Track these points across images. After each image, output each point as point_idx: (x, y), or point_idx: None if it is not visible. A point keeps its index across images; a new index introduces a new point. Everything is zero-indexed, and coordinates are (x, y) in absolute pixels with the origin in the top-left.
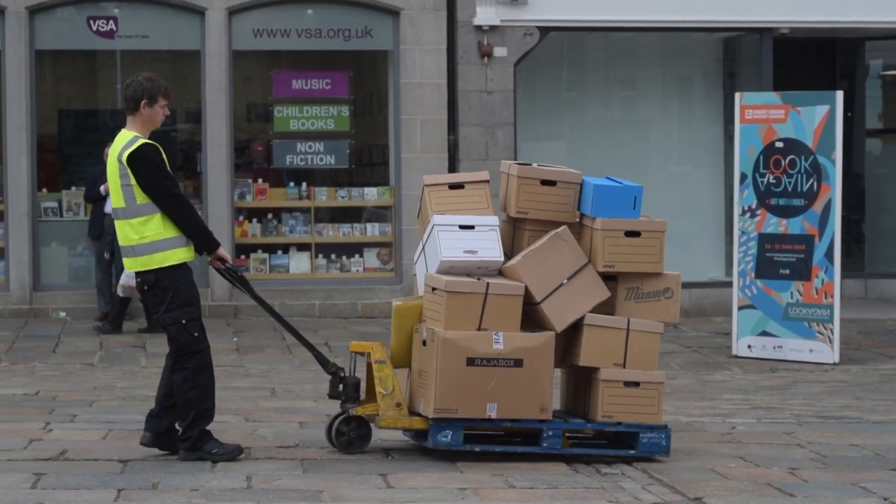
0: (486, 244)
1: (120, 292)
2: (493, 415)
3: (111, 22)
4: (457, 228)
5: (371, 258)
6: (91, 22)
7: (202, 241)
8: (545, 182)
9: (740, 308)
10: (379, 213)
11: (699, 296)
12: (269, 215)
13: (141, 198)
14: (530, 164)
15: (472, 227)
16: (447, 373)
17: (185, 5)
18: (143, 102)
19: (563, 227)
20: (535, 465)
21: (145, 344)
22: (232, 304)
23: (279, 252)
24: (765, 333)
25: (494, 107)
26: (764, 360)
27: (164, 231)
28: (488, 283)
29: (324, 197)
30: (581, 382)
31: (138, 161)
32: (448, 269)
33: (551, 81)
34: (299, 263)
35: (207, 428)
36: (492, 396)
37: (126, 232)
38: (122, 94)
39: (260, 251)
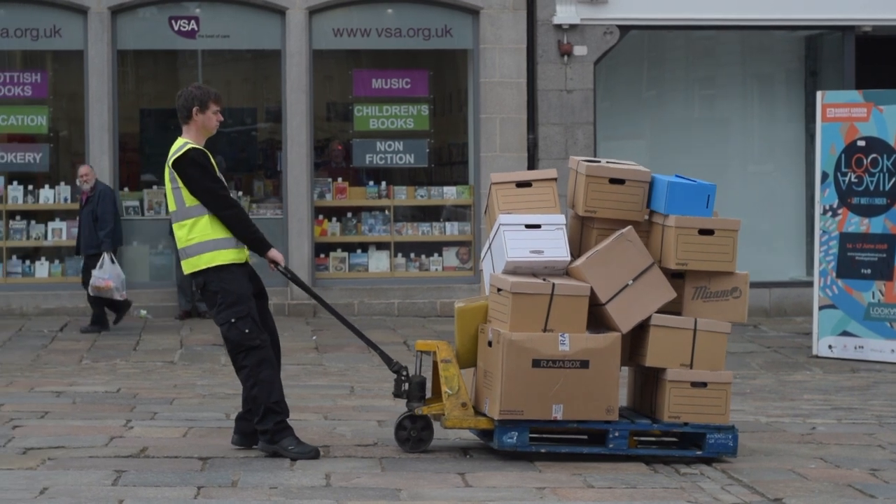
0: (553, 244)
1: (91, 292)
2: (559, 416)
3: (192, 22)
4: (523, 228)
5: (450, 257)
6: (172, 22)
7: (252, 242)
8: (614, 181)
9: (821, 308)
10: (458, 212)
11: (780, 295)
12: (349, 214)
13: (189, 200)
14: (599, 162)
15: (538, 227)
16: (513, 374)
17: (265, 5)
18: (194, 110)
19: (629, 227)
20: (614, 465)
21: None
22: (311, 304)
23: (358, 251)
24: (846, 333)
25: (574, 106)
26: (845, 360)
27: (212, 232)
28: (554, 284)
29: (403, 196)
30: (648, 382)
31: (185, 165)
32: (514, 269)
33: (631, 80)
34: (378, 262)
35: (289, 425)
36: (557, 398)
37: (179, 234)
38: (176, 105)
39: (339, 250)
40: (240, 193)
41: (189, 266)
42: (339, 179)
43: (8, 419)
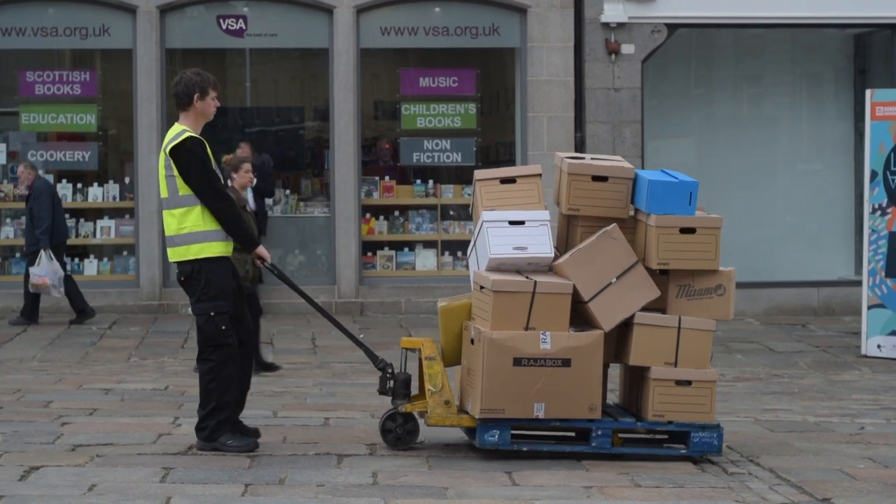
0: (537, 240)
1: (31, 289)
2: (541, 415)
3: (240, 21)
4: (506, 224)
5: None
6: (221, 21)
7: (240, 237)
8: (597, 178)
9: (870, 307)
10: None
11: (828, 295)
12: (396, 212)
13: (183, 189)
14: (583, 158)
15: (522, 223)
16: (493, 373)
17: (313, 4)
18: (195, 97)
19: (613, 224)
20: (661, 465)
21: (273, 340)
22: (358, 301)
23: (405, 249)
24: (895, 333)
25: (622, 104)
26: (894, 359)
27: (203, 223)
28: (536, 282)
29: (450, 194)
30: (635, 380)
31: (181, 153)
32: (498, 266)
33: (679, 78)
34: (426, 261)
35: (227, 421)
36: (539, 396)
37: (168, 222)
38: (172, 91)
39: (386, 248)
40: (287, 192)
41: (176, 255)
42: (387, 178)
43: (57, 416)
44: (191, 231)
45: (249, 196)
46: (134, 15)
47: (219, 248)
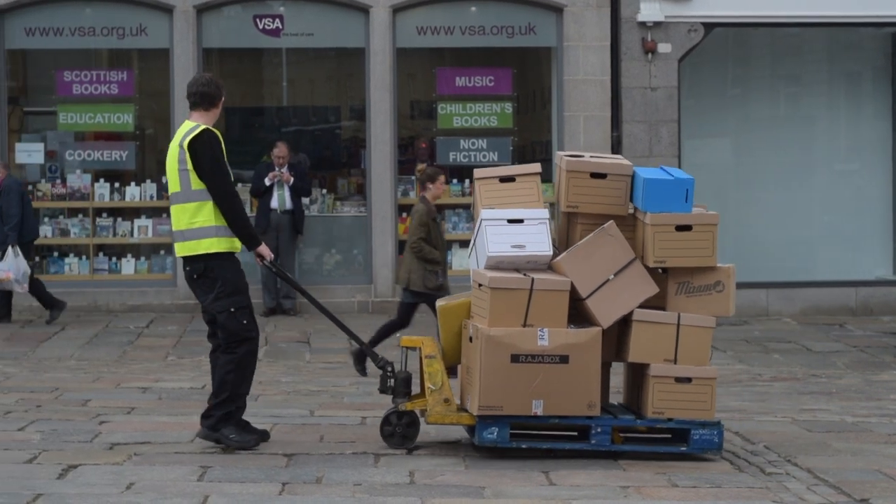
0: (535, 238)
1: None
2: (540, 412)
3: (277, 20)
4: (505, 222)
5: None
6: (257, 20)
7: (245, 236)
8: (595, 175)
9: None
10: None
11: (866, 294)
12: None
13: (196, 184)
14: (582, 157)
15: (520, 221)
16: (491, 370)
17: (349, 3)
18: (219, 102)
19: (610, 222)
20: (698, 464)
21: (310, 339)
22: (395, 301)
23: None
24: None
25: (658, 103)
26: None
27: (215, 219)
28: (533, 279)
29: None
30: (636, 378)
31: (198, 145)
32: (496, 264)
33: (716, 78)
34: (462, 260)
35: (233, 416)
36: (537, 393)
37: (179, 216)
38: (197, 91)
39: None
40: (324, 191)
41: (186, 249)
42: None
43: (95, 415)
44: (202, 226)
45: (287, 195)
46: (171, 15)
47: (229, 243)
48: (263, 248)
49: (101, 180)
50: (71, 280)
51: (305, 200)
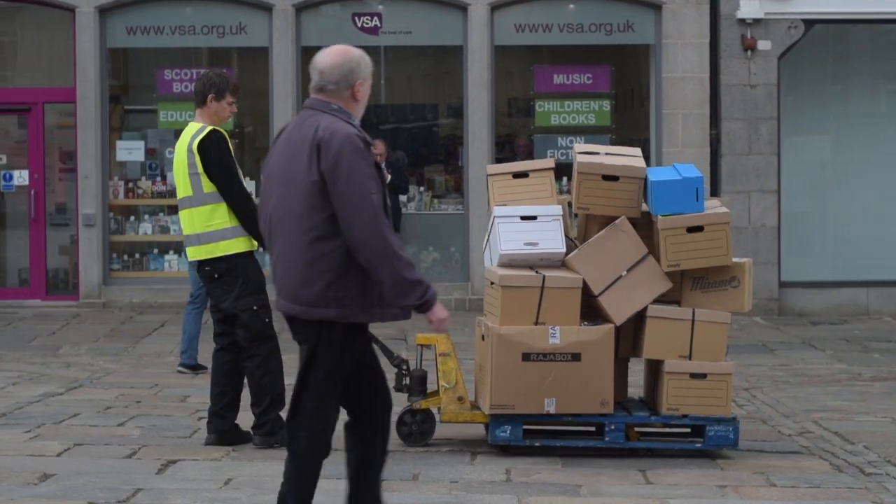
0: (549, 235)
1: None
2: (552, 410)
3: (375, 18)
4: (518, 219)
5: None
6: (356, 18)
7: (259, 235)
8: (607, 177)
9: None
10: None
11: None
12: None
13: (208, 186)
14: (597, 154)
15: (534, 218)
16: (502, 368)
17: (448, 1)
18: (210, 97)
19: (622, 217)
20: (797, 464)
21: (406, 336)
22: None
23: None
24: None
25: (758, 101)
26: None
27: (231, 220)
28: (545, 277)
29: None
30: (653, 373)
31: (207, 148)
32: (509, 261)
33: (815, 75)
34: None
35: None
36: (550, 391)
37: (192, 220)
38: (194, 87)
39: None
40: (421, 189)
41: (202, 252)
42: None
43: (194, 410)
44: (219, 228)
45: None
46: (270, 13)
47: (246, 243)
48: None
49: None
50: (170, 277)
51: (403, 198)
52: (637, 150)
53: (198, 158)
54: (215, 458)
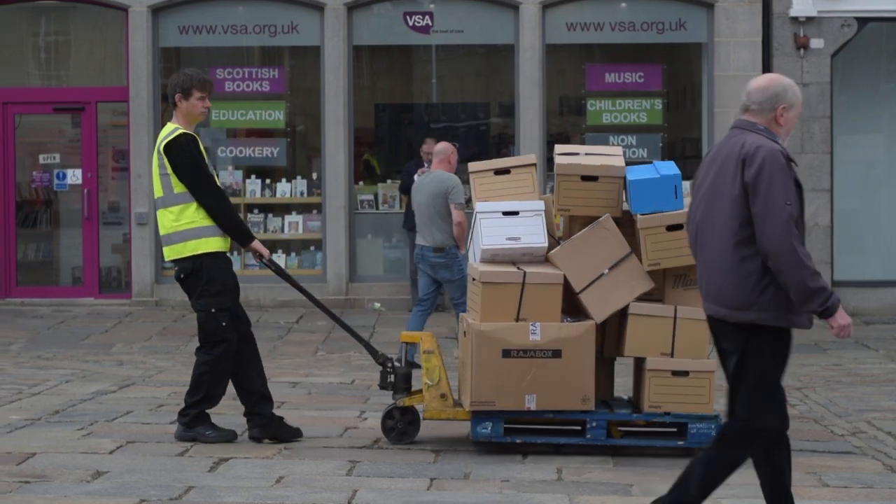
0: (531, 230)
1: None
2: (533, 406)
3: (427, 17)
4: (500, 215)
5: None
6: (407, 17)
7: (236, 233)
8: (586, 178)
9: None
10: None
11: None
12: None
13: (178, 187)
14: (577, 154)
15: (516, 213)
16: (483, 365)
17: (499, 0)
18: (177, 97)
19: (606, 215)
20: (849, 464)
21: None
22: None
23: None
24: None
25: (810, 99)
26: None
27: (199, 220)
28: (525, 273)
29: None
30: (638, 371)
31: (174, 150)
32: (492, 257)
33: (869, 73)
34: None
35: (208, 414)
36: (530, 388)
37: (164, 220)
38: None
39: None
40: None
41: (173, 252)
42: None
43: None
44: (187, 228)
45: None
46: (322, 12)
47: (216, 243)
48: (258, 245)
49: (253, 176)
50: None
51: None
52: (618, 150)
53: (166, 160)
54: (267, 456)
